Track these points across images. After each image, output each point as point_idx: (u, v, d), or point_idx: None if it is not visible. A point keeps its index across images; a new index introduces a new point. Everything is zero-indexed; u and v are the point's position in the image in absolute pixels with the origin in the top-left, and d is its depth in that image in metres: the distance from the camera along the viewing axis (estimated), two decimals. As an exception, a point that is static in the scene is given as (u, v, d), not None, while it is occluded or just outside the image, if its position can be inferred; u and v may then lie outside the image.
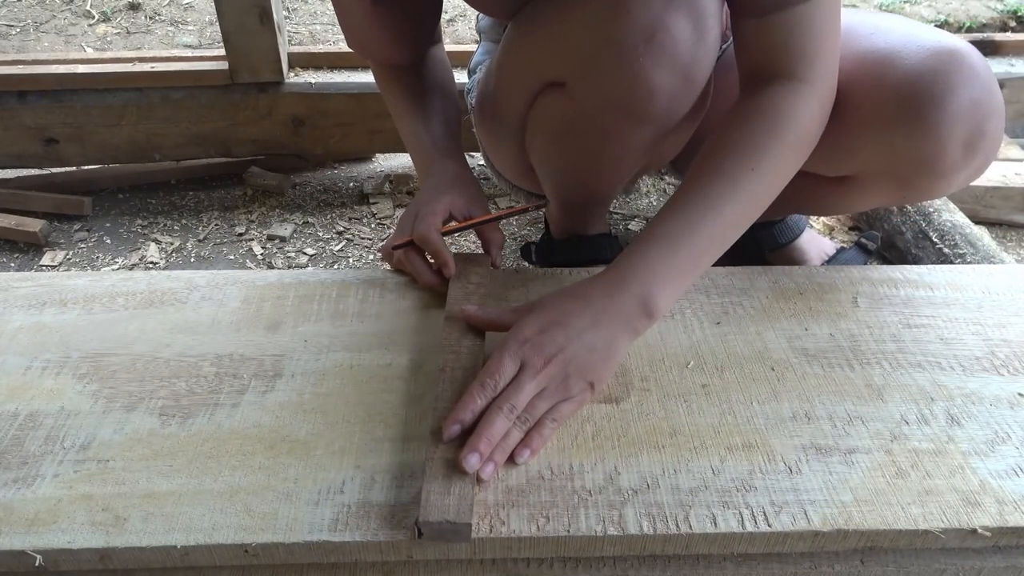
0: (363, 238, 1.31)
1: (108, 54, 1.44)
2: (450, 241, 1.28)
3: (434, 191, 0.82)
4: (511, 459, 0.61)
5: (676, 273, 0.67)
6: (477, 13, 1.12)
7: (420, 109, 0.89)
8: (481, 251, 0.84)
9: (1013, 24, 2.15)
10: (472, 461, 0.57)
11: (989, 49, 1.51)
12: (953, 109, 0.72)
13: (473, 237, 1.29)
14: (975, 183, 1.30)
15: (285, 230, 1.31)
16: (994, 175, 1.34)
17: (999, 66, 1.47)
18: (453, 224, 0.81)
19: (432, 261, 0.80)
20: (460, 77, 1.41)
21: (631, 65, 0.70)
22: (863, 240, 1.11)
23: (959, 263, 1.08)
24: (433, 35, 0.94)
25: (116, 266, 1.24)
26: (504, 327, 0.67)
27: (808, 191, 0.95)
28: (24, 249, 1.28)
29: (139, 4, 2.29)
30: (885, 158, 0.79)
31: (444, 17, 2.20)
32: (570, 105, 0.79)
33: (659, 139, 0.81)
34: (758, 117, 0.70)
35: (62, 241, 1.30)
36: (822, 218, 1.35)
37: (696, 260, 0.68)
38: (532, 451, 0.61)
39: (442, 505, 0.55)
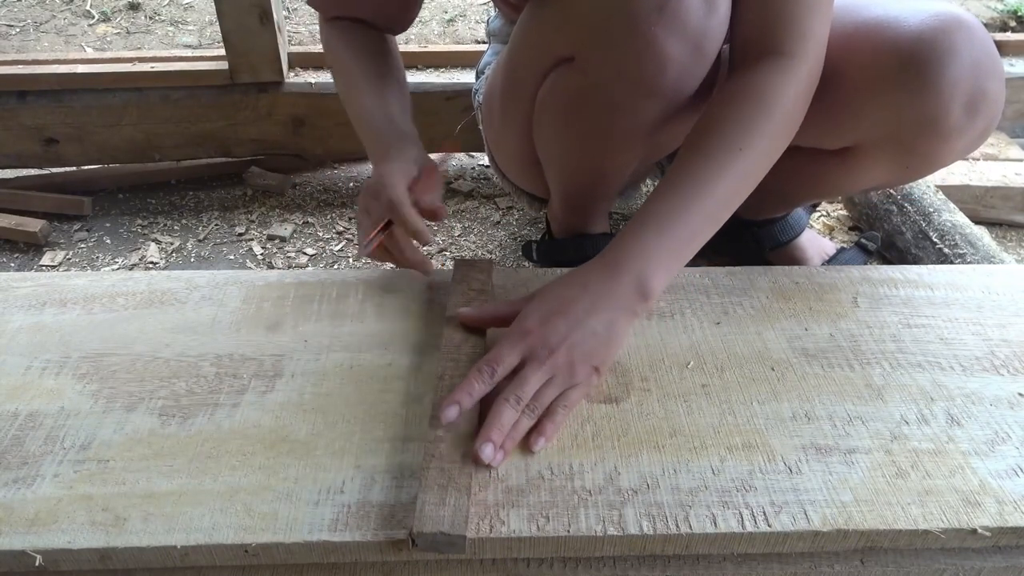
0: (363, 238, 1.31)
1: (108, 54, 1.44)
2: (450, 241, 1.28)
3: (391, 168, 0.78)
4: (528, 447, 0.62)
5: (669, 254, 0.68)
6: (487, 17, 1.12)
7: (380, 89, 0.86)
8: (481, 256, 0.84)
9: (1013, 24, 2.15)
10: (487, 451, 0.59)
11: (989, 49, 1.51)
12: (955, 69, 0.73)
13: (474, 241, 1.29)
14: (975, 183, 1.31)
15: (285, 230, 1.31)
16: (994, 175, 1.34)
17: (999, 66, 1.47)
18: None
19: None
20: (461, 76, 1.42)
21: (642, 34, 0.71)
22: (863, 240, 1.11)
23: (959, 263, 1.08)
24: (415, 11, 0.92)
25: (116, 266, 1.24)
26: (503, 320, 0.68)
27: (810, 171, 0.95)
28: (24, 249, 1.28)
29: (139, 4, 2.29)
30: (888, 122, 0.79)
31: (444, 17, 2.20)
32: (580, 79, 0.79)
33: (666, 118, 0.81)
34: (747, 96, 0.71)
35: (62, 241, 1.30)
36: (822, 218, 1.35)
37: (689, 241, 0.69)
38: (546, 438, 0.63)
39: (437, 516, 0.55)
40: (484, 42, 1.42)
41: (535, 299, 0.68)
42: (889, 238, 1.22)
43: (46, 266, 1.24)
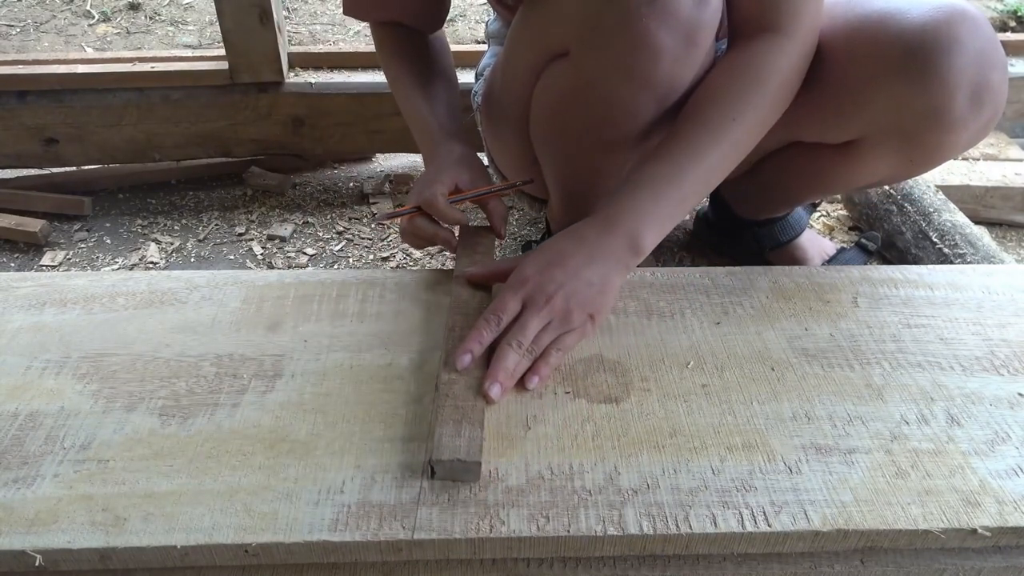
0: (363, 238, 1.31)
1: (108, 54, 1.44)
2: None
3: (439, 167, 0.84)
4: (523, 385, 0.67)
5: (662, 215, 0.72)
6: (487, 19, 1.13)
7: (425, 91, 0.91)
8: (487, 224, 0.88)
9: (1013, 24, 2.15)
10: (495, 390, 0.65)
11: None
12: (959, 59, 0.74)
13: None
14: (975, 183, 1.31)
15: (285, 230, 1.31)
16: (994, 175, 1.34)
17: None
18: (458, 194, 0.84)
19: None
20: (460, 76, 1.41)
21: (634, 26, 0.72)
22: (863, 240, 1.11)
23: (959, 263, 1.08)
24: (447, 6, 0.96)
25: (116, 266, 1.24)
26: (506, 275, 0.72)
27: (813, 167, 0.95)
28: (24, 249, 1.28)
29: (139, 4, 2.29)
30: (892, 113, 0.80)
31: (444, 17, 2.20)
32: (574, 73, 0.80)
33: (661, 113, 0.81)
34: (742, 69, 0.75)
35: (62, 241, 1.30)
36: (822, 218, 1.35)
37: (680, 203, 0.73)
38: (541, 378, 0.67)
39: (453, 446, 0.59)
40: (484, 42, 1.42)
41: (534, 252, 0.72)
42: (889, 238, 1.22)
43: (46, 266, 1.24)
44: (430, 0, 0.92)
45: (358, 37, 2.17)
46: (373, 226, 1.33)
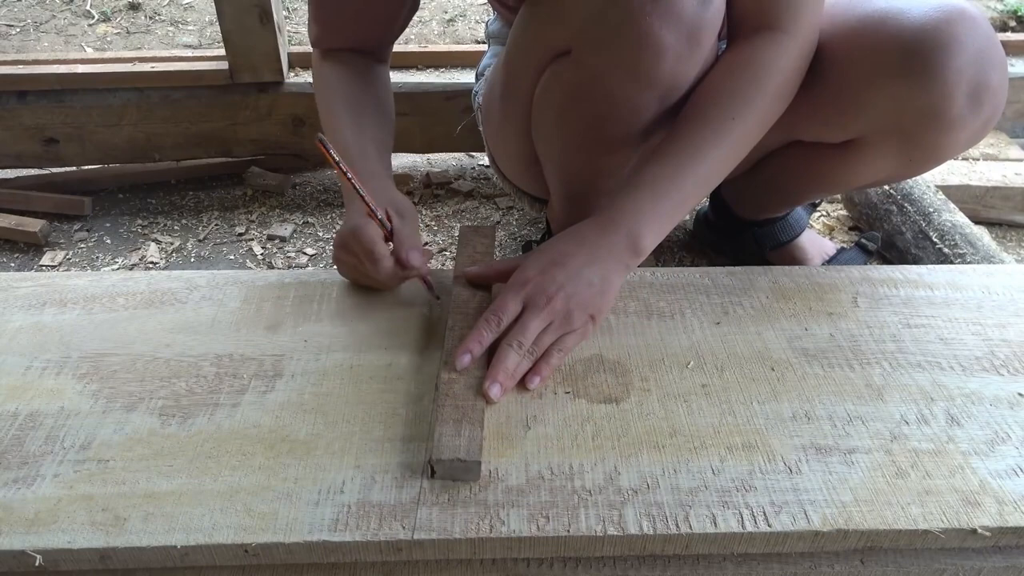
0: (363, 238, 1.31)
1: (108, 54, 1.44)
2: (450, 241, 1.28)
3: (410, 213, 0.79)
4: (523, 385, 0.67)
5: (662, 215, 0.73)
6: (487, 19, 1.13)
7: (358, 127, 0.86)
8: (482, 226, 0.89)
9: (1013, 24, 2.15)
10: (495, 390, 0.65)
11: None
12: (958, 59, 0.74)
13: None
14: (975, 183, 1.31)
15: (285, 230, 1.31)
16: (994, 175, 1.34)
17: (999, 66, 1.47)
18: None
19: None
20: (460, 76, 1.42)
21: (637, 24, 0.72)
22: (863, 240, 1.11)
23: (959, 263, 1.08)
24: (398, 32, 0.95)
25: (116, 266, 1.24)
26: (506, 275, 0.72)
27: (813, 167, 0.95)
28: (24, 249, 1.28)
29: (139, 4, 2.29)
30: (892, 113, 0.80)
31: (444, 17, 2.20)
32: (577, 71, 0.80)
33: (663, 112, 0.81)
34: (742, 68, 0.75)
35: (62, 241, 1.30)
36: (822, 218, 1.35)
37: (680, 203, 0.73)
38: (541, 378, 0.68)
39: (453, 445, 0.59)
40: (484, 42, 1.42)
41: (535, 252, 0.72)
42: (889, 238, 1.22)
43: (46, 266, 1.24)
44: (384, 17, 0.91)
45: (358, 37, 2.17)
46: None
